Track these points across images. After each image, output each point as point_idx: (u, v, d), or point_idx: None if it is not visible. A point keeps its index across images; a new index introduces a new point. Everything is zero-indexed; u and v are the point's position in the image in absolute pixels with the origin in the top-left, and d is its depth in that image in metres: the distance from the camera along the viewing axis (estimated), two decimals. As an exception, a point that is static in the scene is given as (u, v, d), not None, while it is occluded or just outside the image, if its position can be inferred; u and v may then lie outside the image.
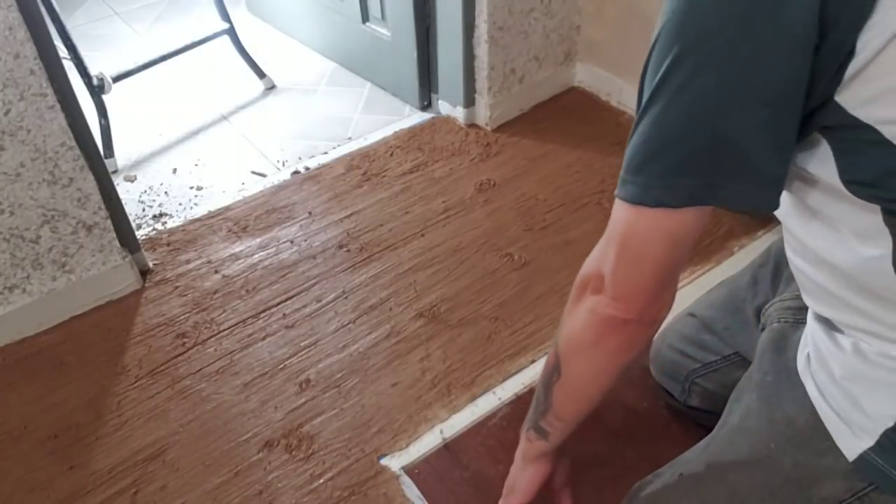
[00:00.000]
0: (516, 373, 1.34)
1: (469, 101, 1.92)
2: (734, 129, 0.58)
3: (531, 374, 1.33)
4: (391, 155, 1.88)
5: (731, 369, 1.06)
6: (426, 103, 2.04)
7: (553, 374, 0.84)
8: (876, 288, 0.66)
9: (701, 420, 1.16)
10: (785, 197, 0.69)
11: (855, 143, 0.59)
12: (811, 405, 0.75)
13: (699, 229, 0.66)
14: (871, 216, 0.62)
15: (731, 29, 0.55)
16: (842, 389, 0.71)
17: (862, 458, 0.70)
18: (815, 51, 0.55)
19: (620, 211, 0.68)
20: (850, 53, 0.54)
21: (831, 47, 0.54)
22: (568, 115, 1.99)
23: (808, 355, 0.77)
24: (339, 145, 1.94)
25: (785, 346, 0.83)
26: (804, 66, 0.55)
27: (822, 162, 0.62)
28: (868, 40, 0.53)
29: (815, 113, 0.59)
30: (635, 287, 0.70)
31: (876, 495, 0.71)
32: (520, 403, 1.29)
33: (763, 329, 0.92)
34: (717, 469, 0.84)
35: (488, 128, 1.94)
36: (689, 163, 0.61)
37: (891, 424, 0.68)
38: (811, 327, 0.78)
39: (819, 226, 0.68)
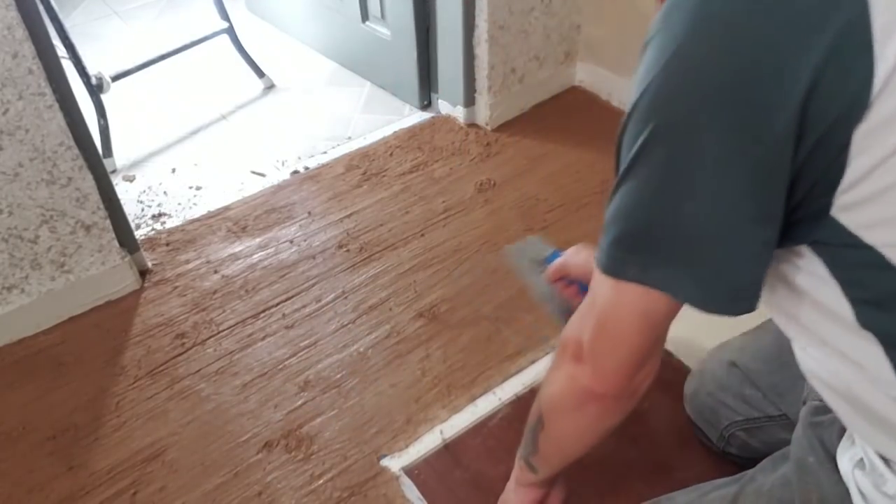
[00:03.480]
0: (516, 373, 1.34)
1: (469, 101, 1.92)
2: (705, 222, 0.56)
3: (531, 374, 1.33)
4: (391, 155, 1.87)
5: (777, 430, 0.99)
6: (426, 103, 2.04)
7: (538, 424, 0.84)
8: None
9: (738, 462, 1.09)
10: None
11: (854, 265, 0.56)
12: (850, 500, 0.70)
13: (676, 311, 0.64)
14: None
15: (706, 115, 0.53)
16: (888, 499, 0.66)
17: None
18: (797, 150, 0.52)
19: (598, 278, 0.66)
20: (842, 160, 0.51)
21: (818, 148, 0.51)
22: (568, 115, 1.99)
23: (860, 461, 0.69)
24: (338, 145, 1.93)
25: (824, 427, 0.76)
26: (783, 164, 0.52)
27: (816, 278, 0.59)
28: (866, 146, 0.50)
29: (805, 224, 0.56)
30: (612, 365, 0.68)
31: None
32: (520, 404, 1.28)
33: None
34: None
35: (488, 127, 1.94)
36: (659, 247, 0.59)
37: None
38: (863, 444, 0.69)
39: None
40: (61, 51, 1.53)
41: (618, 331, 0.66)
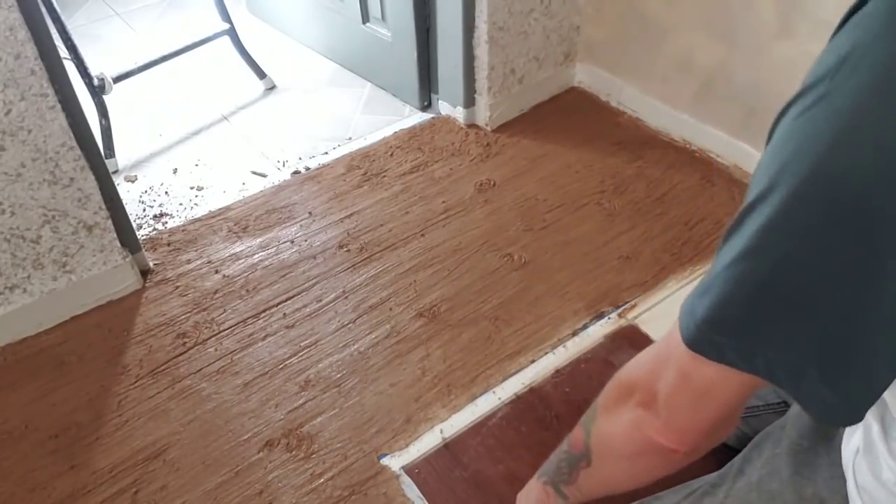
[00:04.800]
0: (516, 372, 1.34)
1: (469, 102, 1.93)
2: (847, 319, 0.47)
3: (531, 373, 1.34)
4: (391, 155, 1.88)
5: (773, 417, 0.97)
6: (426, 103, 2.04)
7: (581, 459, 0.76)
8: None
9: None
10: None
11: None
12: (846, 494, 0.69)
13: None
14: None
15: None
16: (889, 493, 0.64)
17: None
18: None
19: (683, 345, 0.56)
20: None
21: None
22: (568, 116, 1.99)
23: (859, 449, 0.68)
24: (339, 145, 1.94)
25: None
26: None
27: None
28: None
29: None
30: (693, 425, 0.60)
31: None
32: (520, 403, 1.29)
33: None
34: None
35: (488, 128, 1.94)
36: (777, 338, 0.50)
37: None
38: (868, 421, 0.67)
39: None
40: (63, 52, 1.54)
41: (709, 393, 0.57)
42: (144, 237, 1.65)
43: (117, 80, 1.88)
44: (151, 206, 1.75)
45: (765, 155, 0.50)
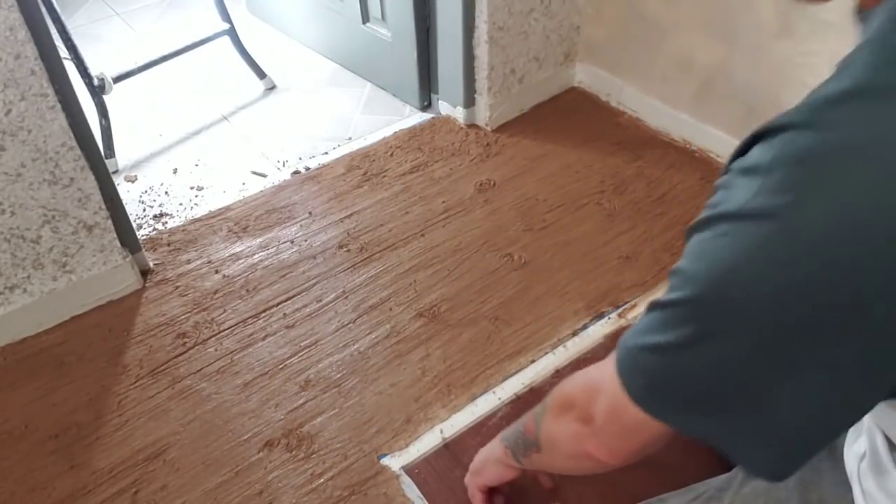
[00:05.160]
0: (516, 372, 1.34)
1: (469, 102, 1.93)
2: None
3: (531, 373, 1.34)
4: (391, 155, 1.88)
5: None
6: (426, 103, 2.04)
7: (533, 445, 0.82)
8: None
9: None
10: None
11: None
12: (851, 500, 0.69)
13: None
14: None
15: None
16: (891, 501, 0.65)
17: None
18: None
19: (617, 385, 0.58)
20: None
21: None
22: (568, 116, 2.00)
23: (864, 456, 0.68)
24: (339, 145, 1.94)
25: None
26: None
27: None
28: None
29: None
30: (624, 448, 0.63)
31: None
32: (520, 403, 1.29)
33: None
34: None
35: (488, 128, 1.94)
36: (706, 405, 0.52)
37: None
38: (872, 429, 0.67)
39: None
40: (63, 52, 1.53)
41: (635, 430, 0.60)
42: (144, 237, 1.65)
43: (117, 80, 1.88)
44: (151, 206, 1.75)
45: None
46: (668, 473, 1.15)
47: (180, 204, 1.76)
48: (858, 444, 0.68)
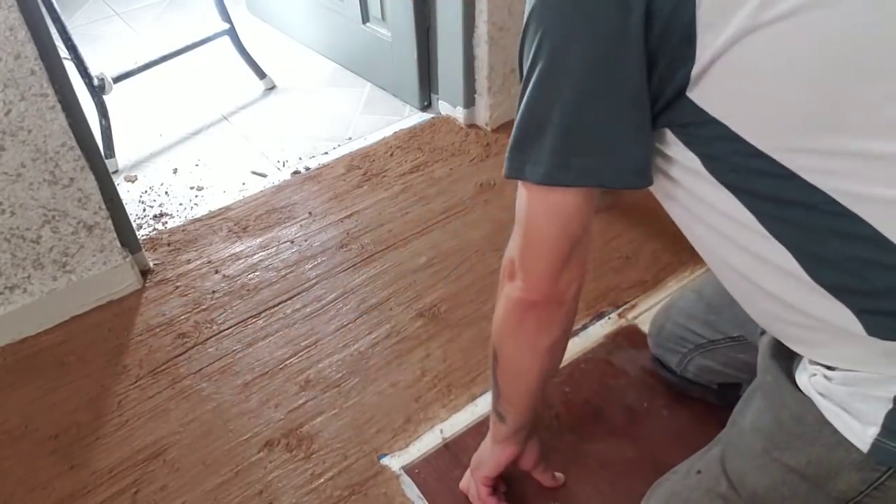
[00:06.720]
0: (516, 372, 1.34)
1: (469, 102, 1.93)
2: (593, 114, 0.64)
3: (531, 373, 1.34)
4: (391, 155, 1.88)
5: (734, 350, 1.07)
6: (426, 104, 2.04)
7: (494, 361, 0.91)
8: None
9: (691, 392, 1.21)
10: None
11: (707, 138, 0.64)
12: (814, 404, 0.74)
13: (588, 210, 0.71)
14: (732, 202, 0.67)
15: (580, 14, 0.61)
16: (841, 386, 0.71)
17: (875, 445, 0.69)
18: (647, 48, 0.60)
19: (519, 191, 0.74)
20: (689, 55, 0.59)
21: (665, 42, 0.59)
22: (568, 116, 1.99)
23: (811, 378, 0.75)
24: (339, 145, 1.94)
25: (782, 352, 0.82)
26: (640, 59, 0.61)
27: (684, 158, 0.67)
28: (707, 43, 0.58)
29: (668, 110, 0.64)
30: (537, 270, 0.75)
31: (892, 483, 0.69)
32: (520, 403, 1.29)
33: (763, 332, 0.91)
34: (735, 471, 0.83)
35: (488, 128, 1.94)
36: (561, 144, 0.66)
37: (891, 406, 0.67)
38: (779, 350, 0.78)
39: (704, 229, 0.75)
40: (63, 52, 1.54)
41: (539, 236, 0.73)
42: (144, 237, 1.65)
43: (117, 80, 1.88)
44: (151, 206, 1.76)
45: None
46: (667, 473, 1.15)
47: (180, 204, 1.77)
48: (809, 370, 0.75)
